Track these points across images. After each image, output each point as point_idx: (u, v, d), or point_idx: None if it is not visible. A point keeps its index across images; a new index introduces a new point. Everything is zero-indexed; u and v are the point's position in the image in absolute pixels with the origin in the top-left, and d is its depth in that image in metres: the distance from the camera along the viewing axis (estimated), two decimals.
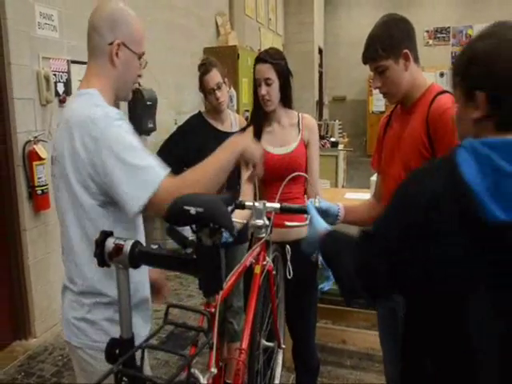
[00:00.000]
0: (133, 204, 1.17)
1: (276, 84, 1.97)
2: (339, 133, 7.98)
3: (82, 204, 1.24)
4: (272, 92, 1.97)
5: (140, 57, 1.34)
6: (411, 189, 0.98)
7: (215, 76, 2.44)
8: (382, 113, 10.39)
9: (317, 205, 1.54)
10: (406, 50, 1.50)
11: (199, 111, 2.59)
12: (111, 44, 1.27)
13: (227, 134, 2.38)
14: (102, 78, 1.30)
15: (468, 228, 0.87)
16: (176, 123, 4.22)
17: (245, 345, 1.36)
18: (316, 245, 1.28)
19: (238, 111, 5.58)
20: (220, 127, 2.45)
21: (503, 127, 0.90)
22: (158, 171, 1.19)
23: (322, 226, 1.32)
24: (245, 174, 2.03)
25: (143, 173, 1.17)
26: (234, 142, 1.31)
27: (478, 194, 0.85)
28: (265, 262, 1.63)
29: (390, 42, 1.49)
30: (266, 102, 1.99)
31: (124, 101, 1.50)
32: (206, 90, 2.43)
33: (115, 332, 1.26)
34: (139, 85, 4.21)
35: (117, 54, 1.28)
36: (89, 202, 1.24)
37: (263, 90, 1.97)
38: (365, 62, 1.59)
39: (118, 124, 1.20)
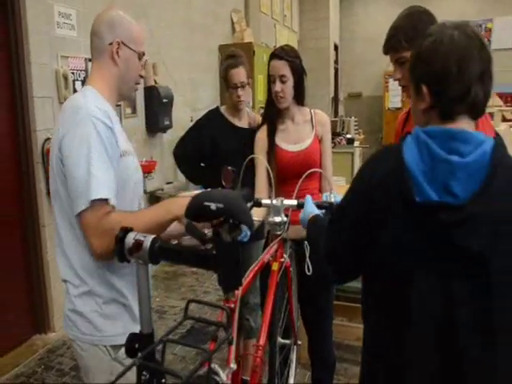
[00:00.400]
0: (78, 204, 1.17)
1: (290, 81, 1.97)
2: (355, 129, 7.92)
3: (58, 191, 1.26)
4: (286, 89, 1.96)
5: (140, 56, 1.38)
6: (364, 172, 1.08)
7: (242, 73, 2.40)
8: (399, 109, 10.26)
9: (332, 200, 1.54)
10: None
11: (217, 106, 2.57)
12: (111, 44, 1.33)
13: (243, 130, 2.38)
14: (104, 78, 1.35)
15: (408, 209, 0.96)
16: (192, 120, 4.23)
17: (262, 341, 1.37)
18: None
19: (253, 107, 5.57)
20: (237, 123, 2.45)
21: (445, 117, 1.00)
22: (97, 190, 1.15)
23: (310, 211, 1.43)
24: (260, 172, 2.03)
25: (89, 181, 1.16)
26: (167, 208, 1.22)
27: (416, 176, 0.94)
28: (282, 259, 1.63)
29: (413, 33, 1.46)
30: (280, 99, 1.99)
31: (128, 100, 1.54)
32: (229, 83, 2.40)
33: (103, 325, 1.27)
34: (155, 82, 4.24)
35: (117, 52, 1.33)
36: (61, 188, 1.25)
37: (277, 86, 1.96)
38: (386, 53, 1.55)
39: (93, 121, 1.20)
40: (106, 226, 1.14)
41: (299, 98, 2.04)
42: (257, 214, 1.71)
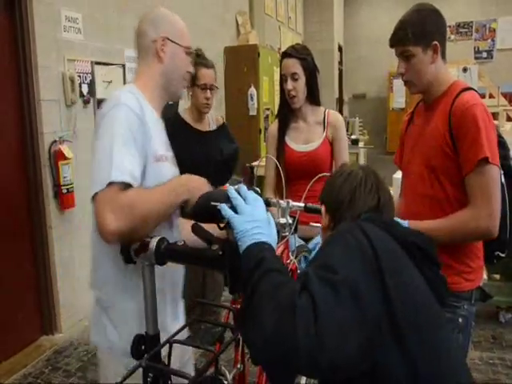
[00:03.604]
0: (94, 187, 1.10)
1: (302, 80, 1.96)
2: (359, 130, 7.92)
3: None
4: (298, 87, 1.96)
5: (187, 51, 1.35)
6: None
7: (213, 76, 2.35)
8: (403, 110, 10.25)
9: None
10: (436, 42, 1.47)
11: (175, 113, 2.46)
12: (155, 41, 1.30)
13: (208, 135, 2.37)
14: (149, 77, 1.32)
15: None
16: None
17: None
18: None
19: (258, 110, 5.58)
20: (200, 127, 2.41)
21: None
22: (116, 173, 1.09)
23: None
24: (269, 172, 2.03)
25: (110, 163, 1.10)
26: (184, 186, 1.19)
27: None
28: (288, 261, 1.63)
29: (421, 29, 1.47)
30: (293, 98, 1.98)
31: (176, 99, 1.47)
32: (198, 82, 2.30)
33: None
34: None
35: (162, 48, 1.30)
36: None
37: (289, 85, 1.96)
38: (392, 45, 1.54)
39: (124, 109, 1.17)
40: (120, 201, 1.06)
41: (312, 96, 2.03)
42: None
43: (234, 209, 0.93)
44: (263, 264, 0.82)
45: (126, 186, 1.08)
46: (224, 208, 0.92)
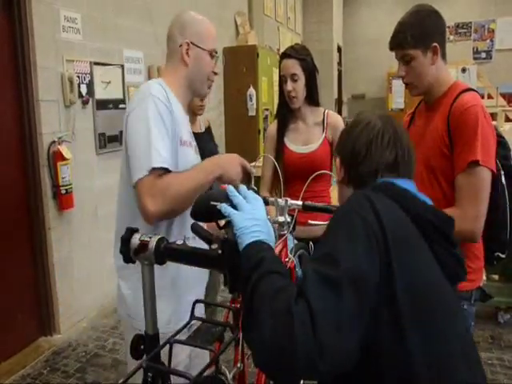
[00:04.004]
0: (137, 174, 1.23)
1: (302, 80, 1.96)
2: None
3: (123, 174, 1.34)
4: (298, 88, 1.96)
5: (212, 54, 1.43)
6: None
7: None
8: (402, 110, 10.25)
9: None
10: (435, 44, 1.47)
11: None
12: (181, 46, 1.38)
13: (199, 135, 2.38)
14: (174, 77, 1.41)
15: None
16: None
17: None
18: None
19: (257, 110, 5.58)
20: (193, 129, 2.46)
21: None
22: (157, 159, 1.22)
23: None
24: (265, 171, 2.03)
25: (149, 151, 1.22)
26: (216, 165, 1.33)
27: None
28: (287, 259, 1.63)
29: (421, 31, 1.47)
30: (292, 99, 1.98)
31: (202, 96, 1.70)
32: None
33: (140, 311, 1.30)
34: None
35: (187, 53, 1.38)
36: (125, 170, 1.32)
37: (289, 85, 1.96)
38: (391, 49, 1.54)
39: (154, 100, 1.27)
40: (158, 186, 1.20)
41: (311, 97, 2.03)
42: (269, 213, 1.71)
43: (233, 208, 0.93)
44: (263, 264, 0.82)
45: (165, 171, 1.22)
46: (224, 206, 0.92)
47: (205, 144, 2.31)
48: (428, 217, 0.93)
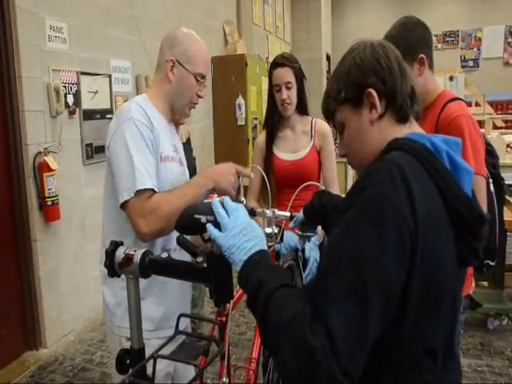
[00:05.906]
0: (123, 195, 1.26)
1: (295, 88, 1.98)
2: None
3: (107, 191, 1.37)
4: (292, 96, 1.98)
5: (196, 77, 1.40)
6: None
7: None
8: None
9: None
10: (422, 55, 1.48)
11: None
12: (167, 61, 1.38)
13: (183, 146, 2.38)
14: (159, 90, 1.42)
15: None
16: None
17: (255, 354, 1.35)
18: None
19: (246, 119, 5.59)
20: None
21: (404, 119, 0.92)
22: (141, 181, 1.25)
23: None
24: (253, 181, 2.02)
25: (133, 172, 1.25)
26: (207, 177, 1.34)
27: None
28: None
29: (406, 44, 1.47)
30: (287, 107, 1.99)
31: (183, 116, 1.66)
32: None
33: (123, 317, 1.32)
34: None
35: (172, 70, 1.38)
36: (109, 188, 1.35)
37: (284, 94, 1.96)
38: None
39: (134, 121, 1.29)
40: (149, 207, 1.24)
41: (301, 105, 2.05)
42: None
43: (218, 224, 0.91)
44: (262, 288, 0.79)
45: (151, 191, 1.25)
46: (210, 228, 0.91)
47: (186, 154, 2.29)
48: (458, 207, 0.82)
